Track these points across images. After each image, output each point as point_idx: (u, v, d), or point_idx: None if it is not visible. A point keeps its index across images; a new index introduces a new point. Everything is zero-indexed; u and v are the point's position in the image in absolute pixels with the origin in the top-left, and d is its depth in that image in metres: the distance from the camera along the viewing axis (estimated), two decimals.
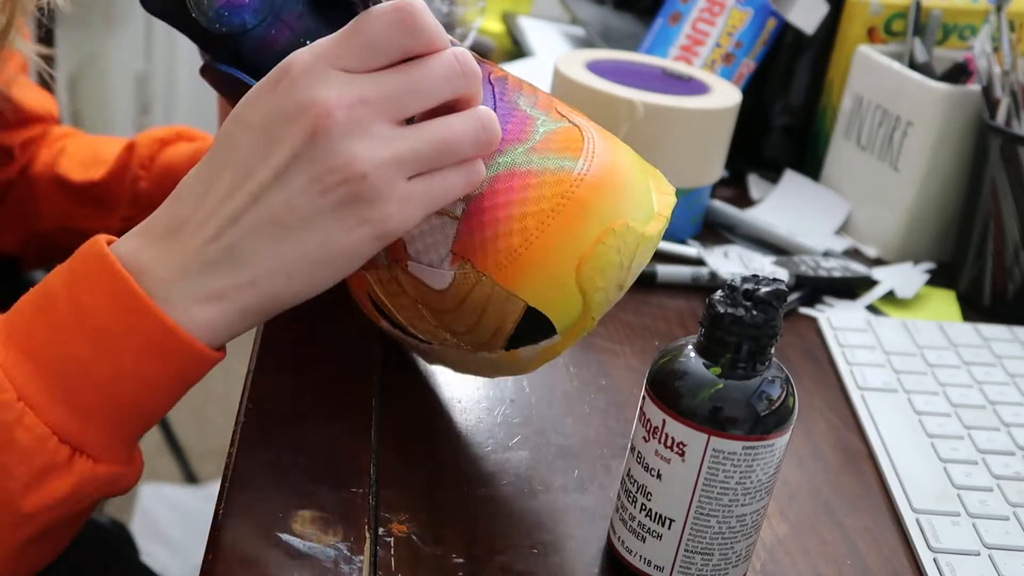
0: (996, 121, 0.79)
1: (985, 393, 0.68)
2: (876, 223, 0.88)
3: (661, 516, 0.47)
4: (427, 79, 0.47)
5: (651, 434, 0.47)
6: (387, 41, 0.46)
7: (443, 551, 0.50)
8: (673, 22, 0.97)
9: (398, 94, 0.46)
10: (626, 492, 0.49)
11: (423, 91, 0.47)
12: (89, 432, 0.46)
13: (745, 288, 0.45)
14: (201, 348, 0.47)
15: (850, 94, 0.91)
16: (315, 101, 0.45)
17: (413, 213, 0.47)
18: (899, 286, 0.80)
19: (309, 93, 0.45)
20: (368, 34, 0.46)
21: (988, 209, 0.79)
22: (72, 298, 0.46)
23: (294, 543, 0.49)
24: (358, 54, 0.46)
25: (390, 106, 0.46)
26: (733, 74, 0.95)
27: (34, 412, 0.45)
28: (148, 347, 0.46)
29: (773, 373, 0.46)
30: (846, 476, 0.60)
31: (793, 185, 0.95)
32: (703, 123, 0.81)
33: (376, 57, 0.46)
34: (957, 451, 0.62)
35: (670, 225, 0.83)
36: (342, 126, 0.45)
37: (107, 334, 0.46)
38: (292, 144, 0.45)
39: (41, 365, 0.46)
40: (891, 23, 0.93)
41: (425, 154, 0.47)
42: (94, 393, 0.46)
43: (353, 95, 0.45)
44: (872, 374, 0.69)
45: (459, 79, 0.47)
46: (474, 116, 0.48)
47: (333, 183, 0.45)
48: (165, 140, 0.86)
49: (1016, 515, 0.57)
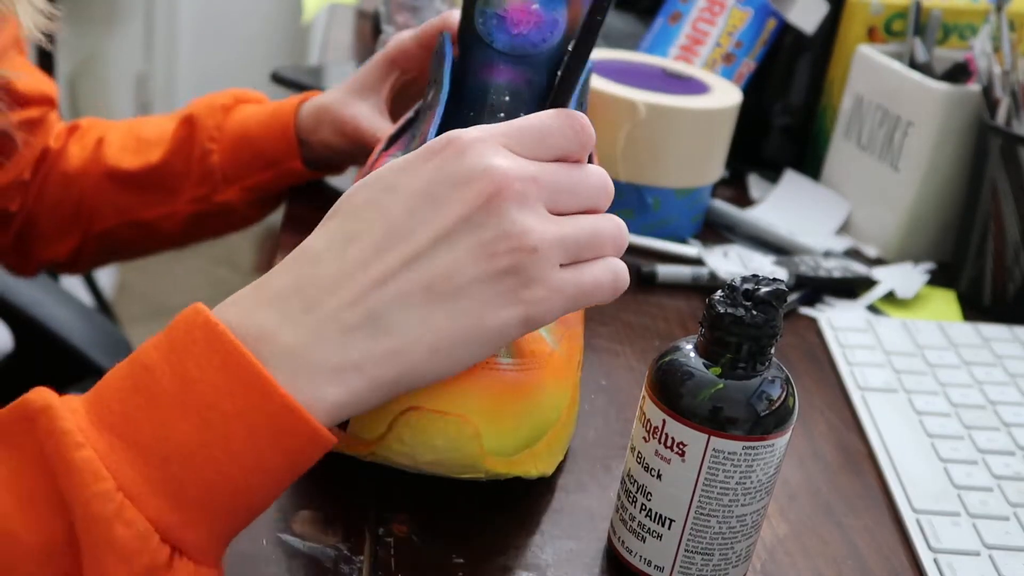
0: (996, 121, 0.79)
1: (985, 393, 0.68)
2: (876, 223, 0.88)
3: (661, 516, 0.47)
4: (585, 184, 0.47)
5: (651, 434, 0.47)
6: (558, 138, 0.46)
7: (443, 551, 0.50)
8: (673, 21, 0.97)
9: (562, 188, 0.46)
10: (626, 492, 0.49)
11: (580, 193, 0.47)
12: (189, 528, 0.41)
13: (745, 288, 0.45)
14: (321, 431, 0.42)
15: (850, 94, 0.91)
16: (492, 167, 0.44)
17: (561, 303, 0.46)
18: (899, 286, 0.80)
19: (485, 160, 0.44)
20: (543, 126, 0.46)
21: (988, 209, 0.79)
22: (176, 373, 0.41)
23: (294, 543, 0.49)
24: (527, 140, 0.46)
25: (553, 195, 0.46)
26: (733, 74, 0.95)
27: (135, 505, 0.40)
28: (264, 428, 0.41)
29: (773, 373, 0.46)
30: (846, 476, 0.60)
31: (793, 185, 0.95)
32: (704, 122, 0.81)
33: (543, 149, 0.46)
34: (957, 451, 0.62)
35: (670, 224, 0.83)
36: (519, 196, 0.44)
37: (216, 413, 0.41)
38: (462, 209, 0.43)
39: (140, 450, 0.41)
40: (891, 23, 0.93)
41: (582, 243, 0.46)
42: (198, 482, 0.41)
43: (529, 172, 0.45)
44: (872, 374, 0.69)
45: (604, 194, 0.48)
46: (616, 221, 0.48)
47: (502, 251, 0.43)
48: (227, 106, 0.82)
49: (1016, 515, 0.57)
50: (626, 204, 0.82)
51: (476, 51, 0.60)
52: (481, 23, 0.59)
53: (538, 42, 0.59)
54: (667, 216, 0.83)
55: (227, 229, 0.87)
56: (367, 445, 0.49)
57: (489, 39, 0.59)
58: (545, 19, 0.59)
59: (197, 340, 0.42)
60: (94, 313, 1.10)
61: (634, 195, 0.82)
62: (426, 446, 0.47)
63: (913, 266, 0.84)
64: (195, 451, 0.41)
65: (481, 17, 0.59)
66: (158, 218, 0.84)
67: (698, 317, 0.74)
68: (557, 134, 0.46)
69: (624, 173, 0.81)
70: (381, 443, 0.48)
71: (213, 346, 0.41)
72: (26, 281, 1.02)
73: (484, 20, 0.59)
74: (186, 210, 0.83)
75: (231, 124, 0.81)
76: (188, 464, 0.41)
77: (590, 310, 0.66)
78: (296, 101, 0.81)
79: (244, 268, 2.61)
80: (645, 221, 0.83)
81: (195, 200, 0.82)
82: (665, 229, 0.83)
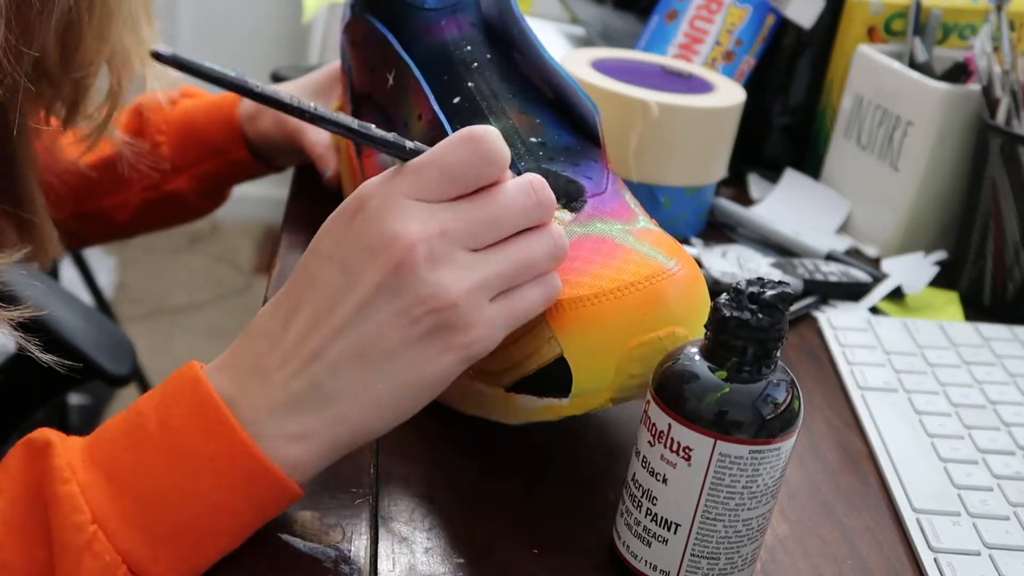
0: (996, 120, 0.79)
1: (985, 393, 0.68)
2: (876, 222, 0.88)
3: (667, 521, 0.47)
4: (505, 211, 0.47)
5: (656, 438, 0.46)
6: (463, 171, 0.46)
7: (443, 552, 0.50)
8: (670, 20, 0.97)
9: (477, 226, 0.46)
10: (631, 497, 0.48)
11: (502, 223, 0.47)
12: (158, 562, 0.44)
13: (751, 291, 0.45)
14: (288, 483, 0.45)
15: (850, 94, 0.91)
16: (397, 234, 0.45)
17: (497, 333, 0.47)
18: (908, 280, 0.80)
19: (390, 227, 0.45)
20: (443, 164, 0.46)
21: (988, 208, 0.79)
22: (161, 421, 0.45)
23: (294, 543, 0.49)
24: (434, 185, 0.46)
25: (470, 238, 0.46)
26: (735, 72, 0.95)
27: (107, 536, 0.44)
28: (232, 473, 0.44)
29: (779, 376, 0.46)
30: (846, 476, 0.60)
31: (793, 184, 0.95)
32: (714, 120, 0.81)
33: (453, 188, 0.46)
34: (957, 451, 0.62)
35: (678, 222, 0.83)
36: (426, 258, 0.45)
37: (192, 457, 0.44)
38: (375, 278, 0.45)
39: (120, 487, 0.44)
40: (891, 22, 0.93)
41: (509, 276, 0.47)
42: (170, 518, 0.44)
43: (434, 228, 0.45)
44: (872, 374, 0.69)
45: (534, 210, 0.48)
46: (548, 234, 0.48)
47: (421, 313, 0.45)
48: (173, 99, 0.84)
49: (1016, 515, 0.57)
50: None
51: (410, 18, 0.60)
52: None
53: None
54: (676, 214, 0.83)
55: (178, 219, 0.90)
56: (602, 395, 0.50)
57: (419, 2, 0.59)
58: None
59: (185, 393, 0.45)
60: (96, 313, 1.10)
61: (646, 194, 0.82)
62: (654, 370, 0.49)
63: (924, 256, 0.84)
64: (168, 491, 0.44)
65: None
66: (110, 207, 0.85)
67: None
68: (460, 167, 0.46)
69: (636, 173, 0.81)
70: (616, 387, 0.50)
71: (195, 399, 0.45)
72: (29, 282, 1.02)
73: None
74: (137, 199, 0.85)
75: (177, 115, 0.83)
76: (162, 503, 0.44)
77: None
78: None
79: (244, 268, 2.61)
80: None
81: (145, 189, 0.84)
82: (672, 227, 0.83)
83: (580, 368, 0.50)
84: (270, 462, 0.45)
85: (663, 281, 0.50)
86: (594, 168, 0.57)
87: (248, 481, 0.45)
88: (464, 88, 0.58)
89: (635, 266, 0.50)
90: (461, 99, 0.58)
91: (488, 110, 0.57)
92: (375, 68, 0.61)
